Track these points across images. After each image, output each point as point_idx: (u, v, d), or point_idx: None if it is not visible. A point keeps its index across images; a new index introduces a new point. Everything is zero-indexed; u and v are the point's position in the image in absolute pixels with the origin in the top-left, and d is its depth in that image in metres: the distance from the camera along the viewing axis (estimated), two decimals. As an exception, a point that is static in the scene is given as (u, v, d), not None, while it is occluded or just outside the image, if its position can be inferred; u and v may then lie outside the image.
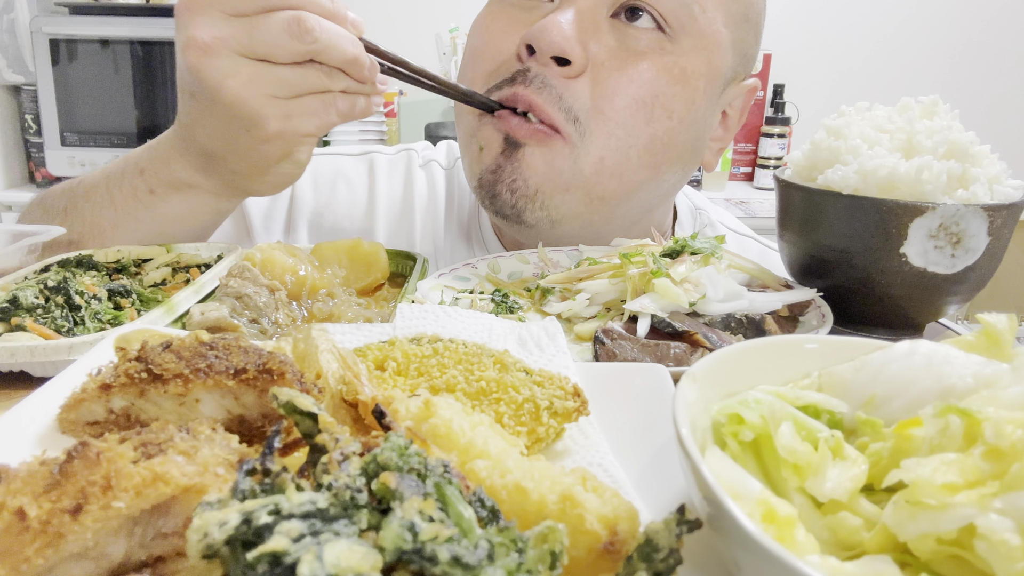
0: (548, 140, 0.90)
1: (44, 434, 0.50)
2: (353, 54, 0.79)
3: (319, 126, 0.83)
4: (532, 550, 0.33)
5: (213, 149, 0.88)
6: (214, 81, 0.78)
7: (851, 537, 0.40)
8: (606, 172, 0.92)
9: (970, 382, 0.44)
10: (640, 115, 0.90)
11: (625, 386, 0.61)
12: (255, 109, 0.79)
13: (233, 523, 0.31)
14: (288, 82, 0.79)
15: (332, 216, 1.24)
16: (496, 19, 0.95)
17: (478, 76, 0.94)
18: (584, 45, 0.88)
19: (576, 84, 0.88)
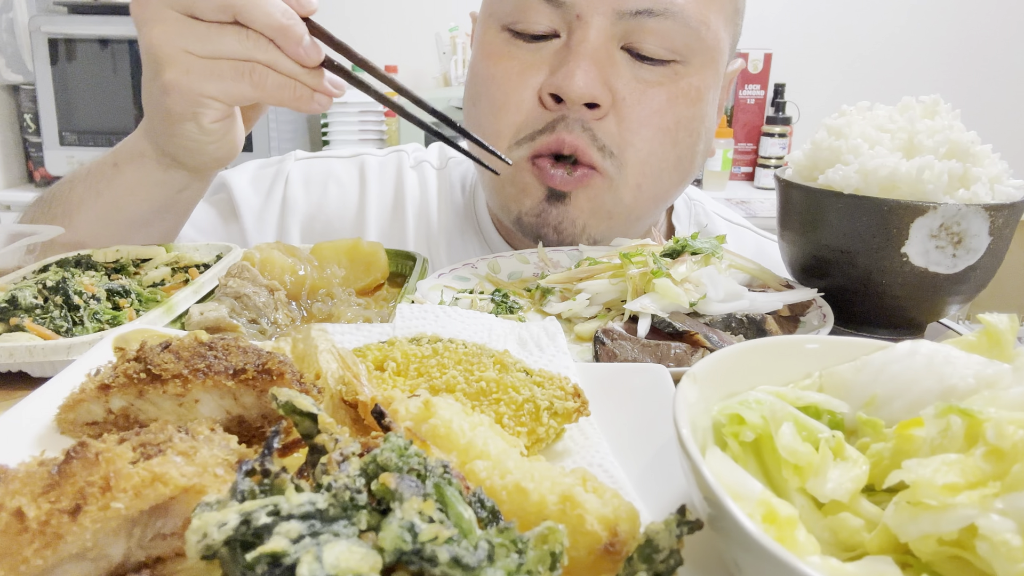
0: (589, 181, 0.93)
1: (43, 434, 0.50)
2: (280, 21, 0.76)
3: (221, 90, 0.80)
4: (532, 551, 0.33)
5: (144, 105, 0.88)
6: (140, 24, 0.80)
7: (852, 538, 0.40)
8: (644, 196, 0.97)
9: (971, 382, 0.44)
10: (667, 141, 0.93)
11: (625, 386, 0.61)
12: (163, 56, 0.79)
13: (232, 524, 0.31)
14: (204, 39, 0.78)
15: (324, 217, 1.24)
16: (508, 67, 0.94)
17: (505, 128, 0.95)
18: (607, 85, 0.90)
19: (605, 122, 0.91)
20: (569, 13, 0.89)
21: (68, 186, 1.02)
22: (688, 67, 0.93)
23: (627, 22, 0.89)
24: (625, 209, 0.97)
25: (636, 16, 0.88)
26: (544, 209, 0.96)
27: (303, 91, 0.81)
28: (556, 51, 0.92)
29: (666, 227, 1.24)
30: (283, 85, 0.80)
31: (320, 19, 0.83)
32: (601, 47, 0.89)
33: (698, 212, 1.25)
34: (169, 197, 0.97)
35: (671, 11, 0.88)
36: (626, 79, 0.91)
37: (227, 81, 0.79)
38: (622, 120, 0.91)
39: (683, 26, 0.90)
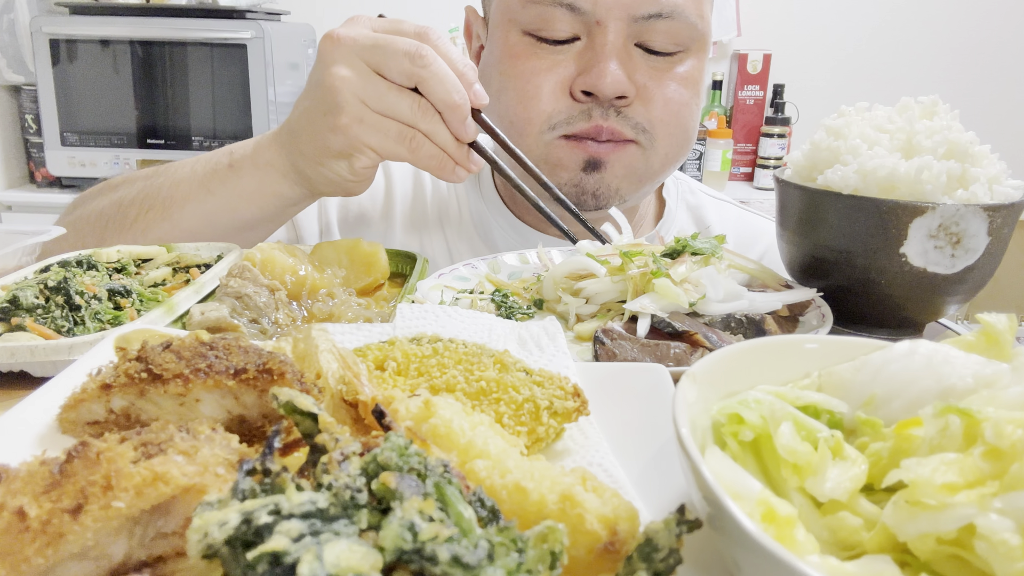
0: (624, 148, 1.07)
1: (44, 434, 0.50)
2: (455, 100, 0.85)
3: (383, 146, 0.88)
4: (532, 550, 0.33)
5: (297, 124, 0.95)
6: (327, 65, 0.88)
7: (851, 537, 0.40)
8: (668, 162, 1.12)
9: (970, 382, 0.44)
10: (684, 115, 1.08)
11: (625, 386, 0.61)
12: (342, 99, 0.86)
13: (233, 523, 0.31)
14: (382, 96, 0.86)
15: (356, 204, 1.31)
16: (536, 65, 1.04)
17: (535, 116, 1.06)
18: (632, 80, 1.02)
19: (633, 107, 1.05)
20: (588, 19, 1.01)
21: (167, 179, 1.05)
22: (688, 53, 1.06)
23: (639, 24, 1.01)
24: (653, 173, 1.11)
25: (648, 19, 1.00)
26: (581, 179, 1.07)
27: (448, 163, 0.90)
28: (579, 52, 1.04)
29: (656, 201, 1.34)
30: (433, 156, 0.89)
31: (322, 20, 0.85)
32: (621, 47, 1.01)
33: (684, 189, 1.36)
34: (282, 208, 1.03)
35: (676, 12, 1.01)
36: (644, 71, 1.04)
37: (390, 140, 0.88)
38: (648, 103, 1.05)
39: (686, 23, 1.02)
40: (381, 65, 0.85)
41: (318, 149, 0.92)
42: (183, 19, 2.54)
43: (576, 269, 0.88)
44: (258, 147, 1.01)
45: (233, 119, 2.50)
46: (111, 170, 2.60)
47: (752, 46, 3.23)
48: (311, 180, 0.98)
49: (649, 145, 1.07)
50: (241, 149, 1.03)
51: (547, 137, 1.06)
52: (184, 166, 1.06)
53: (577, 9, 1.00)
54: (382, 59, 0.85)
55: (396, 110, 0.86)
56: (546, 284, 0.89)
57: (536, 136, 1.07)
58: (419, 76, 0.84)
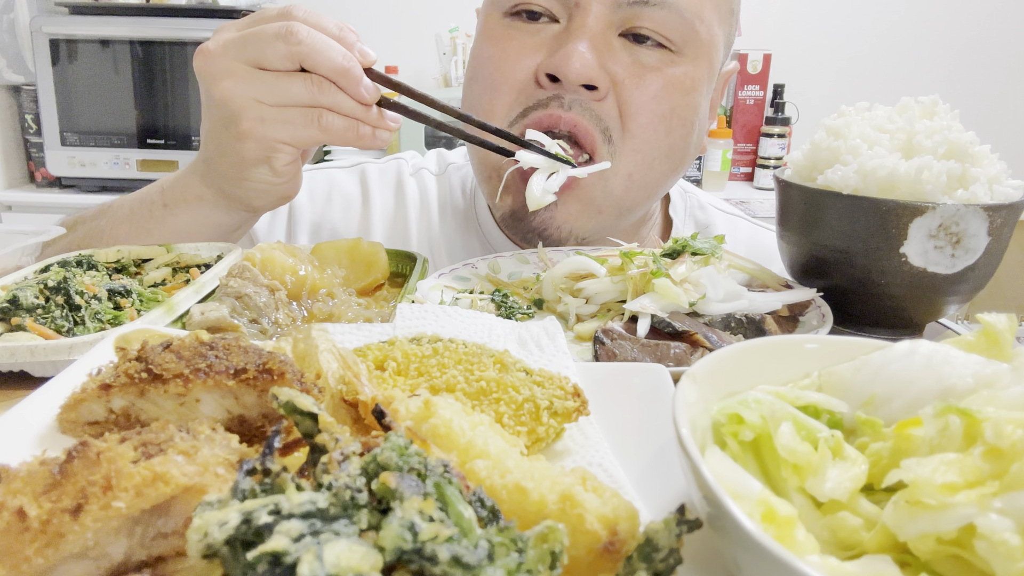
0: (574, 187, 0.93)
1: (44, 434, 0.50)
2: (341, 64, 0.81)
3: (294, 136, 0.85)
4: (532, 550, 0.33)
5: (208, 151, 0.92)
6: (209, 80, 0.84)
7: (851, 537, 0.40)
8: (634, 187, 0.97)
9: (970, 382, 0.44)
10: (661, 128, 0.94)
11: (625, 386, 0.61)
12: (236, 107, 0.83)
13: (233, 523, 0.31)
14: (273, 87, 0.82)
15: (330, 225, 1.27)
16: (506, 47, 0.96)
17: (498, 105, 0.96)
18: (605, 68, 0.92)
19: (605, 104, 0.93)
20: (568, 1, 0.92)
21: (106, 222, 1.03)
22: (682, 57, 0.95)
23: (625, 10, 0.91)
24: (615, 201, 0.98)
25: (632, 5, 0.90)
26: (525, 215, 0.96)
27: (366, 130, 0.85)
28: (555, 35, 0.94)
29: (662, 219, 1.26)
30: (348, 127, 0.84)
31: (321, 20, 0.84)
32: (599, 32, 0.91)
33: (692, 204, 1.27)
34: (224, 235, 1.01)
35: (667, 1, 0.90)
36: (624, 63, 0.92)
37: (297, 127, 0.84)
38: (623, 103, 0.93)
39: (678, 17, 0.92)
40: (259, 58, 0.82)
41: (234, 165, 0.89)
42: (183, 19, 2.54)
43: (576, 269, 0.88)
44: (185, 184, 0.98)
45: (233, 119, 2.51)
46: (111, 170, 2.60)
47: (752, 46, 3.23)
48: (243, 199, 0.95)
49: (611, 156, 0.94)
50: (172, 187, 1.00)
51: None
52: (124, 206, 1.04)
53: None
54: (257, 52, 0.81)
55: (291, 96, 0.82)
56: (546, 284, 0.89)
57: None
58: (298, 53, 0.80)
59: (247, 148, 0.86)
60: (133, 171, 2.60)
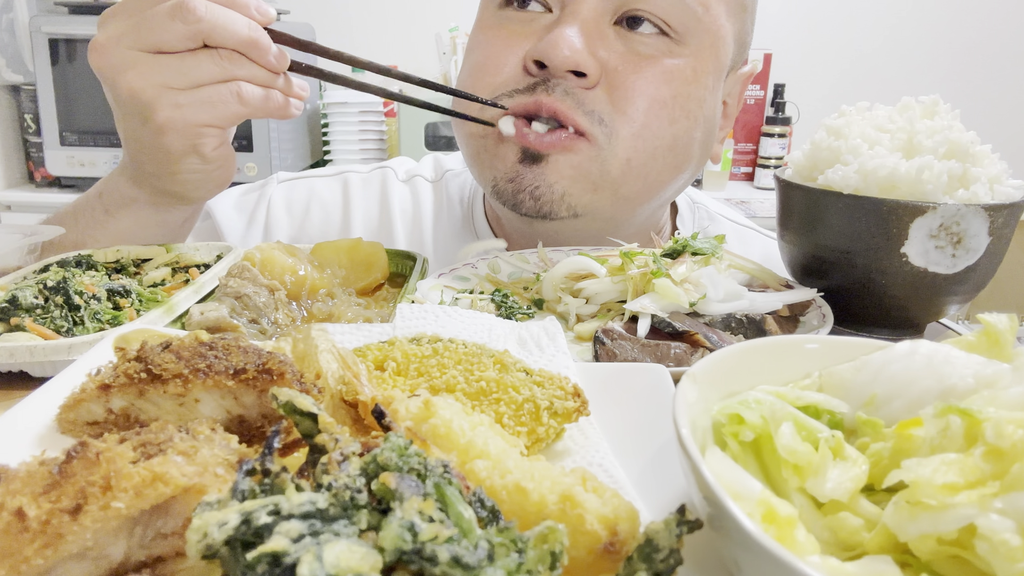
0: (573, 144, 0.89)
1: (44, 434, 0.50)
2: (248, 35, 0.77)
3: (216, 116, 0.80)
4: (532, 550, 0.33)
5: (131, 152, 0.88)
6: (111, 77, 0.79)
7: (852, 537, 0.40)
8: (632, 173, 0.92)
9: (971, 382, 0.44)
10: (663, 115, 0.89)
11: (625, 386, 0.61)
12: (147, 99, 0.78)
13: (233, 523, 0.31)
14: (180, 70, 0.77)
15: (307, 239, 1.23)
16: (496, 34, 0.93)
17: (482, 88, 0.92)
18: (595, 56, 0.87)
19: (594, 92, 0.88)
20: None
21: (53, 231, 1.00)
22: (683, 47, 0.89)
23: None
24: (612, 182, 0.92)
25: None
26: (519, 172, 0.91)
27: (281, 98, 0.82)
28: (547, 24, 0.90)
29: (671, 229, 1.22)
30: (266, 95, 0.81)
31: (322, 20, 0.85)
32: (592, 20, 0.87)
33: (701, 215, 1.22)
34: (170, 233, 0.98)
35: None
36: (618, 51, 0.88)
37: (217, 106, 0.79)
38: (614, 90, 0.88)
39: (680, 3, 0.87)
40: (158, 43, 0.76)
41: (160, 161, 0.85)
42: (183, 19, 2.54)
43: (576, 269, 0.88)
44: (117, 187, 0.95)
45: (233, 119, 2.51)
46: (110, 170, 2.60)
47: (753, 45, 3.23)
48: (177, 194, 0.91)
49: (606, 142, 0.89)
50: (109, 191, 0.97)
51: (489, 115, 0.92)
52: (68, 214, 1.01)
53: None
54: (154, 36, 0.76)
55: (201, 75, 0.77)
56: (546, 284, 0.89)
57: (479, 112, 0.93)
58: (199, 32, 0.75)
59: (170, 140, 0.81)
60: (133, 171, 2.61)
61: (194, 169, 0.86)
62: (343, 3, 3.17)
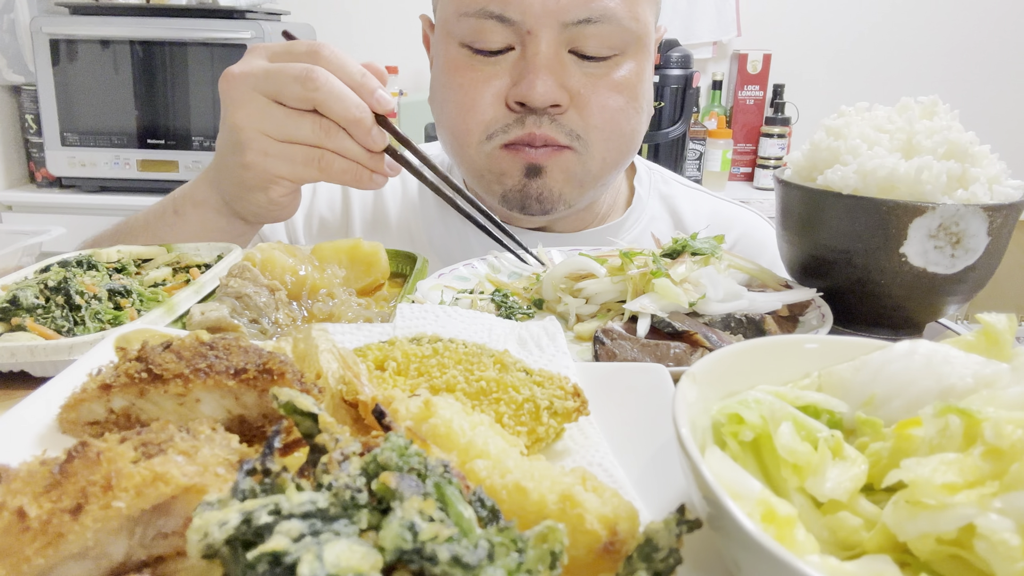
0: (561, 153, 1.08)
1: (44, 434, 0.50)
2: (355, 115, 0.86)
3: (292, 173, 0.90)
4: (532, 550, 0.33)
5: (217, 162, 0.99)
6: (226, 104, 0.91)
7: (851, 537, 0.40)
8: (607, 165, 1.12)
9: (970, 382, 0.44)
10: (621, 118, 1.08)
11: (625, 386, 0.61)
12: (244, 137, 0.89)
13: (233, 523, 0.31)
14: (281, 124, 0.87)
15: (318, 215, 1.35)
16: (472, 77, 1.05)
17: (474, 126, 1.07)
18: (563, 87, 1.02)
19: (567, 115, 1.05)
20: (520, 29, 1.00)
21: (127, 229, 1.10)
22: (625, 56, 1.06)
23: (571, 30, 1.00)
24: (593, 178, 1.11)
25: (578, 24, 0.99)
26: (525, 184, 1.09)
27: (363, 173, 0.91)
28: (514, 63, 1.04)
29: (628, 190, 1.35)
30: (346, 170, 0.90)
31: (322, 20, 0.86)
32: (553, 56, 1.01)
33: (656, 179, 1.37)
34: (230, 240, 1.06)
35: (606, 16, 1.00)
36: (577, 77, 1.03)
37: (298, 166, 0.89)
38: (582, 110, 1.05)
39: (618, 26, 1.02)
40: (277, 93, 0.86)
41: (235, 185, 0.95)
42: (183, 19, 2.54)
43: (576, 269, 0.88)
44: (195, 187, 1.04)
45: (233, 119, 2.51)
46: (111, 170, 2.59)
47: (752, 46, 3.23)
48: (241, 213, 1.01)
49: (584, 150, 1.07)
50: (182, 193, 1.06)
51: (487, 148, 1.07)
52: (139, 219, 1.10)
53: (507, 20, 0.99)
54: (276, 87, 0.86)
55: (298, 135, 0.87)
56: (546, 284, 0.89)
57: (476, 147, 1.08)
58: (314, 99, 0.85)
59: (248, 176, 0.92)
60: (133, 171, 2.60)
61: (260, 203, 0.97)
62: (343, 3, 3.18)
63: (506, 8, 0.98)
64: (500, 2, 0.98)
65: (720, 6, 3.14)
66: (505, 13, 0.98)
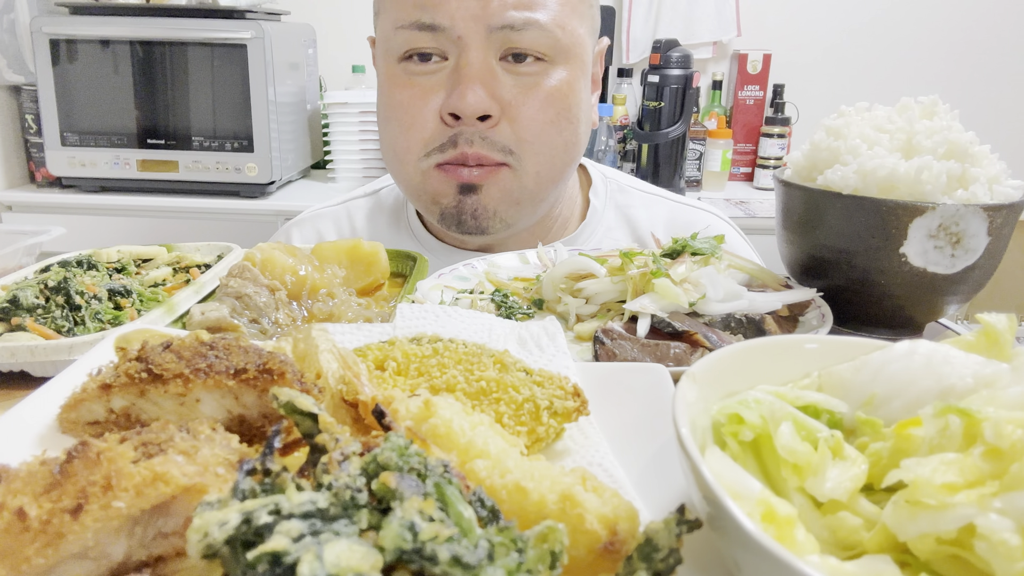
0: (497, 173, 1.08)
1: (44, 434, 0.50)
2: None
3: None
4: (532, 550, 0.33)
5: None
6: None
7: (851, 537, 0.40)
8: (543, 180, 1.11)
9: (970, 382, 0.44)
10: (553, 130, 1.08)
11: (625, 386, 0.61)
12: None
13: (233, 523, 0.31)
14: None
15: None
16: (411, 93, 1.06)
17: (414, 144, 1.08)
18: (494, 97, 1.03)
19: (499, 128, 1.05)
20: (450, 35, 1.02)
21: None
22: (555, 65, 1.06)
23: (498, 35, 1.01)
24: (529, 194, 1.11)
25: (502, 29, 1.00)
26: (460, 201, 1.09)
27: None
28: (448, 75, 1.05)
29: (583, 202, 1.34)
30: None
31: (322, 20, 0.85)
32: (483, 64, 1.02)
33: (612, 188, 1.36)
34: None
35: (531, 22, 1.01)
36: (508, 87, 1.04)
37: None
38: (513, 122, 1.05)
39: (543, 32, 1.03)
40: None
41: None
42: (183, 19, 2.54)
43: (576, 269, 0.88)
44: None
45: (233, 119, 2.50)
46: (111, 170, 2.59)
47: (752, 46, 3.23)
48: None
49: (519, 165, 1.07)
50: None
51: (423, 165, 1.08)
52: None
53: (438, 27, 1.00)
54: None
55: None
56: (546, 284, 0.89)
57: (414, 164, 1.09)
58: None
59: None
60: (133, 171, 2.60)
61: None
62: (343, 3, 3.17)
63: (435, 16, 0.99)
64: (430, 11, 1.00)
65: (720, 6, 3.14)
66: (435, 21, 1.00)
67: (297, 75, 2.72)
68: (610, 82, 3.03)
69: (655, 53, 2.75)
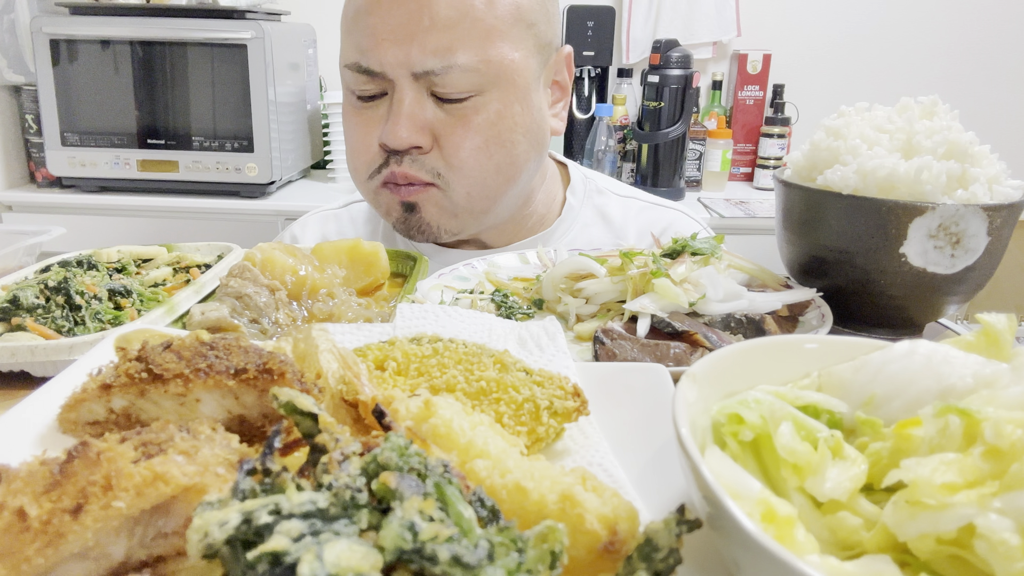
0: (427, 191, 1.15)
1: (44, 434, 0.50)
2: None
3: None
4: (532, 550, 0.33)
5: None
6: None
7: (851, 537, 0.40)
8: (475, 198, 1.15)
9: (969, 382, 0.44)
10: (482, 156, 1.11)
11: (625, 386, 0.61)
12: None
13: (233, 523, 0.31)
14: None
15: None
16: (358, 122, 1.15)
17: (360, 166, 1.17)
18: (424, 130, 1.09)
19: (431, 156, 1.11)
20: (386, 78, 1.08)
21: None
22: (486, 96, 1.09)
23: (424, 79, 1.07)
24: (464, 209, 1.16)
25: (426, 75, 1.06)
26: (406, 218, 1.17)
27: None
28: (387, 108, 1.12)
29: (562, 200, 1.38)
30: None
31: (322, 20, 0.84)
32: (415, 101, 1.08)
33: (591, 189, 1.40)
34: None
35: (452, 66, 1.05)
36: (439, 120, 1.10)
37: None
38: (443, 150, 1.11)
39: (463, 73, 1.06)
40: None
41: None
42: (183, 19, 2.54)
43: (576, 269, 0.88)
44: None
45: (233, 119, 2.50)
46: (111, 170, 2.59)
47: (752, 46, 3.23)
48: None
49: (447, 186, 1.13)
50: None
51: (371, 185, 1.16)
52: None
53: (372, 71, 1.08)
54: None
55: None
56: (546, 284, 0.89)
57: (364, 183, 1.17)
58: None
59: None
60: (133, 171, 2.59)
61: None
62: (343, 4, 3.17)
63: (370, 62, 1.07)
64: (365, 57, 1.07)
65: (720, 6, 3.14)
66: (370, 66, 1.07)
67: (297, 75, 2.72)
68: (610, 82, 3.03)
69: (655, 53, 2.75)
